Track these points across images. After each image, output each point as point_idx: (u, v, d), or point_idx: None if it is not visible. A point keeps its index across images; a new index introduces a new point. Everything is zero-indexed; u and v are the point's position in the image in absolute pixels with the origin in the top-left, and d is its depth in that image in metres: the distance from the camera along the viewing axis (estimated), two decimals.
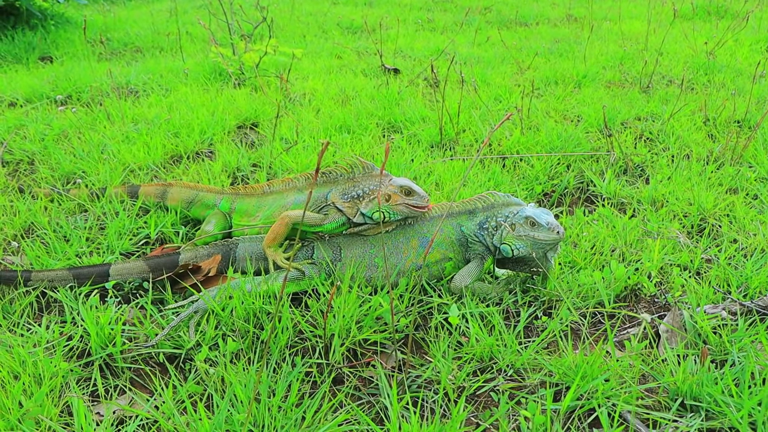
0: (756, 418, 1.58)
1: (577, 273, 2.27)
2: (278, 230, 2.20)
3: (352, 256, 2.22)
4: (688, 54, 5.79)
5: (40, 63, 5.85)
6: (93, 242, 2.54)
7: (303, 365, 1.84)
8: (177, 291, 2.22)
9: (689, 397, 1.70)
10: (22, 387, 1.67)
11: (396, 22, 7.83)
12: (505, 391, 1.77)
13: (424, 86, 4.91)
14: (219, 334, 1.95)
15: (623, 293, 2.24)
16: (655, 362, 1.85)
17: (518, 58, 5.75)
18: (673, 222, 2.69)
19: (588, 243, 2.48)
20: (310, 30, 7.59)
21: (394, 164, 3.20)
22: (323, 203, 2.25)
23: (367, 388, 1.82)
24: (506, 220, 2.15)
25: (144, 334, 1.96)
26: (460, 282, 2.13)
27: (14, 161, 3.41)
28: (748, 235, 2.57)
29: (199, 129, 3.68)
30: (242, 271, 2.30)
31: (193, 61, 5.57)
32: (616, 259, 2.37)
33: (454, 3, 9.97)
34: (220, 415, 1.58)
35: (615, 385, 1.73)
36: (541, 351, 1.91)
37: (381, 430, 1.61)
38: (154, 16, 8.32)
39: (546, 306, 2.16)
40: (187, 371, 1.87)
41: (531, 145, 3.47)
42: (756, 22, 7.19)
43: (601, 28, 7.41)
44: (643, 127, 3.85)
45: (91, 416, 1.63)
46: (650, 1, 8.32)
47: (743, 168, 3.17)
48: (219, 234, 2.48)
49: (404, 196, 2.13)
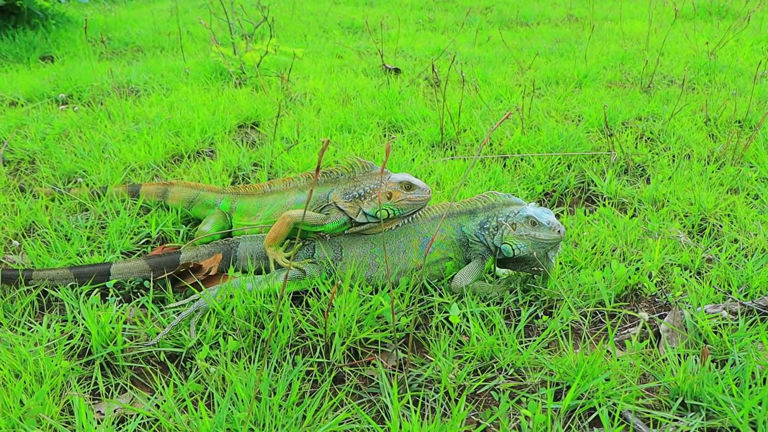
0: (756, 417, 1.58)
1: (578, 272, 2.27)
2: (279, 230, 2.20)
3: (353, 256, 2.22)
4: (689, 54, 5.78)
5: (41, 62, 5.86)
6: (94, 241, 2.54)
7: (304, 364, 1.84)
8: (178, 290, 2.22)
9: (690, 396, 1.70)
10: (23, 385, 1.67)
11: (397, 21, 7.83)
12: (505, 390, 1.77)
13: (425, 86, 4.91)
14: (220, 332, 1.96)
15: (624, 293, 2.24)
16: (656, 362, 1.85)
17: (519, 57, 5.75)
18: (673, 222, 2.69)
19: (589, 243, 2.48)
20: (311, 29, 7.60)
21: (395, 163, 3.20)
22: (324, 203, 2.24)
23: (368, 387, 1.82)
24: (507, 219, 2.15)
25: (145, 333, 1.97)
26: (461, 281, 2.13)
27: (15, 160, 3.41)
28: (748, 235, 2.57)
29: (200, 128, 3.68)
30: (243, 270, 2.30)
31: (194, 60, 5.57)
32: (617, 259, 2.37)
33: (455, 3, 9.97)
34: (221, 414, 1.58)
35: (615, 384, 1.73)
36: (541, 350, 1.91)
37: (382, 429, 1.61)
38: (155, 15, 8.32)
39: (547, 305, 2.16)
40: (188, 370, 1.87)
41: (532, 145, 3.47)
42: (757, 22, 7.19)
43: (602, 28, 7.41)
44: (644, 127, 3.85)
45: (92, 415, 1.64)
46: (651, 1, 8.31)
47: (744, 168, 3.17)
48: (218, 234, 2.48)
49: (405, 191, 2.12)
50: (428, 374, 1.81)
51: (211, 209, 2.61)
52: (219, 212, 2.56)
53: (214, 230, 2.49)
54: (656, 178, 3.09)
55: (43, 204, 2.80)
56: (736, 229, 2.63)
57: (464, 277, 2.14)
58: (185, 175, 3.17)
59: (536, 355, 1.86)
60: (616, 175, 3.20)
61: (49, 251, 2.43)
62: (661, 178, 3.08)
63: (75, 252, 2.41)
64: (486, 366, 1.88)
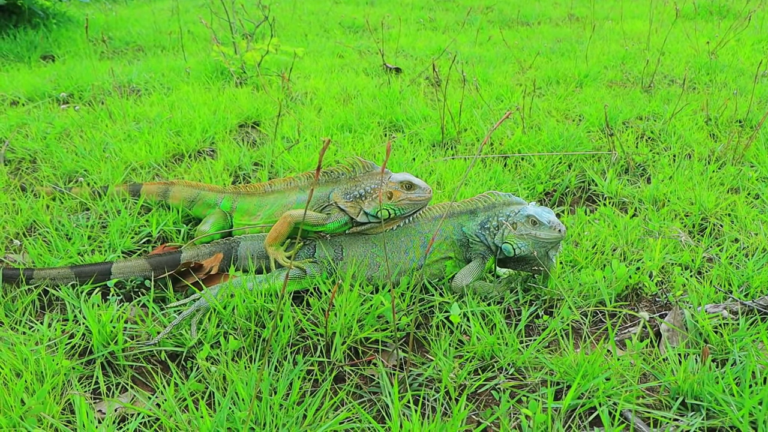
0: (757, 417, 1.59)
1: (579, 272, 2.27)
2: (280, 229, 2.20)
3: (353, 255, 2.23)
4: (690, 54, 5.78)
5: (42, 62, 5.86)
6: (95, 240, 2.54)
7: (304, 363, 1.85)
8: (179, 289, 2.22)
9: (690, 396, 1.71)
10: (24, 384, 1.68)
11: (398, 21, 7.83)
12: (506, 390, 1.77)
13: (425, 85, 4.91)
14: (221, 332, 1.96)
15: (624, 292, 2.24)
16: (656, 361, 1.86)
17: (520, 57, 5.74)
18: (674, 221, 2.69)
19: (589, 242, 2.48)
20: (311, 29, 7.60)
21: (395, 163, 3.20)
22: (325, 203, 2.24)
23: (369, 386, 1.82)
24: (508, 219, 2.15)
25: (146, 332, 1.97)
26: (462, 281, 2.14)
27: (16, 159, 3.41)
28: (749, 235, 2.57)
29: (200, 128, 3.68)
30: (244, 269, 2.30)
31: (195, 59, 5.57)
32: (618, 259, 2.37)
33: (456, 2, 9.97)
34: (222, 413, 1.59)
35: (616, 383, 1.73)
36: (542, 350, 1.91)
37: (382, 429, 1.61)
38: (155, 14, 8.33)
39: (547, 305, 2.16)
40: (189, 369, 1.87)
41: (533, 145, 3.47)
42: (758, 21, 7.18)
43: (602, 27, 7.41)
44: (644, 127, 3.85)
45: (93, 414, 1.64)
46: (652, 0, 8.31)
47: (745, 167, 3.17)
48: (219, 234, 2.49)
49: (406, 190, 2.12)
50: (429, 373, 1.82)
51: (211, 209, 2.61)
52: (219, 212, 2.56)
53: (213, 230, 2.49)
54: (657, 177, 3.09)
55: (44, 203, 2.80)
56: (736, 229, 2.62)
57: (465, 277, 2.14)
58: (186, 174, 3.17)
59: (537, 355, 1.87)
60: (616, 175, 3.20)
61: (50, 250, 2.43)
62: (661, 178, 3.08)
63: (76, 251, 2.42)
64: (486, 365, 1.88)
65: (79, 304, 2.07)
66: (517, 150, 3.45)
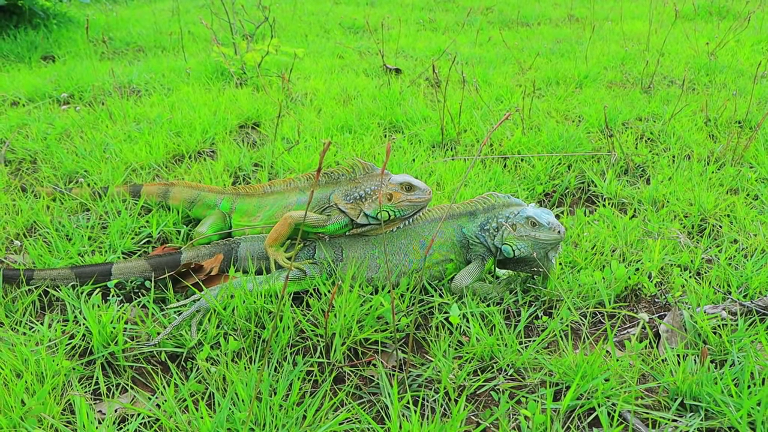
0: (755, 417, 1.59)
1: (578, 273, 2.28)
2: (281, 230, 2.20)
3: (353, 257, 2.23)
4: (690, 54, 5.79)
5: (42, 62, 5.87)
6: (95, 241, 2.55)
7: (304, 364, 1.85)
8: (179, 290, 2.23)
9: (689, 396, 1.71)
10: (24, 385, 1.68)
11: (398, 22, 7.84)
12: (505, 391, 1.78)
13: (425, 86, 4.92)
14: (221, 333, 1.96)
15: (624, 293, 2.25)
16: (655, 362, 1.86)
17: (520, 58, 5.75)
18: (673, 222, 2.69)
19: (589, 243, 2.49)
20: (311, 30, 7.60)
21: (395, 164, 3.21)
22: (326, 204, 2.25)
23: (368, 387, 1.83)
24: (507, 220, 2.16)
25: (146, 333, 1.97)
26: (461, 282, 2.14)
27: (17, 160, 3.42)
28: (748, 236, 2.58)
29: (200, 128, 3.69)
30: (244, 270, 2.31)
31: (195, 60, 5.58)
32: (617, 259, 2.38)
33: (456, 3, 9.98)
34: (222, 414, 1.59)
35: (615, 384, 1.74)
36: (541, 350, 1.92)
37: (382, 429, 1.62)
38: (156, 15, 8.33)
39: (546, 306, 2.17)
40: (189, 370, 1.88)
41: (532, 146, 3.47)
42: (757, 22, 7.19)
43: (602, 28, 7.42)
44: (644, 128, 3.85)
45: (93, 414, 1.64)
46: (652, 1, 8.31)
47: (744, 168, 3.17)
48: (217, 236, 2.49)
49: (406, 192, 2.13)
50: (428, 374, 1.82)
51: (211, 210, 2.62)
52: (217, 213, 2.57)
53: (210, 231, 2.49)
54: (656, 178, 3.09)
55: (45, 204, 2.80)
56: (735, 230, 2.63)
57: (464, 278, 2.15)
58: (186, 175, 3.18)
59: (536, 356, 1.87)
60: (616, 176, 3.20)
61: (50, 251, 2.44)
62: (661, 179, 3.09)
63: (76, 252, 2.42)
64: (486, 366, 1.88)
65: (79, 305, 2.07)
66: (517, 151, 3.45)
